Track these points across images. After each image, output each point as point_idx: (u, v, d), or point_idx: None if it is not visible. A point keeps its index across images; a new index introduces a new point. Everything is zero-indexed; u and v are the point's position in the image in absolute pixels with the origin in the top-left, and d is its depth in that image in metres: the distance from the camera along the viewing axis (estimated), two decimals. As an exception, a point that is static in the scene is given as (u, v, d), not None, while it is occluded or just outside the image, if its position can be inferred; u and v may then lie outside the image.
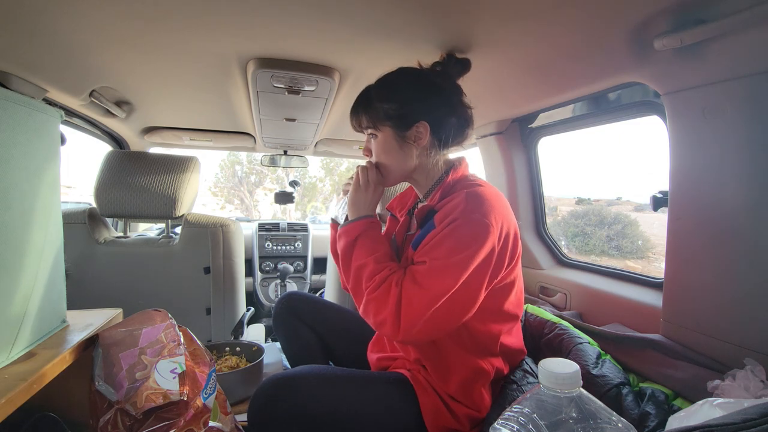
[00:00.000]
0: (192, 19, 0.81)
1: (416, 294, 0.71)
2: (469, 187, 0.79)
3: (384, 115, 0.83)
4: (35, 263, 0.61)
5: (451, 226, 0.72)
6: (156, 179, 1.30)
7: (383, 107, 0.83)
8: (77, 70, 1.06)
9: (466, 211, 0.73)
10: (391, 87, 0.85)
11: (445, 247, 0.72)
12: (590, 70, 0.95)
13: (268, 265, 2.45)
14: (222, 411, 0.72)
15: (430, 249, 0.73)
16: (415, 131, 0.83)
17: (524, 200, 1.53)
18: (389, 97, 0.83)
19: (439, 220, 0.76)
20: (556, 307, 1.31)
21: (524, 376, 0.87)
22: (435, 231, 0.75)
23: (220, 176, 10.24)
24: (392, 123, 0.83)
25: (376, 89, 0.86)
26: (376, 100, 0.84)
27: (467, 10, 0.75)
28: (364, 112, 0.86)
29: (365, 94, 0.87)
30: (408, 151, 0.85)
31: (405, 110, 0.82)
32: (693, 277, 0.84)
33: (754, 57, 0.68)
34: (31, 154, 0.60)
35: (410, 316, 0.70)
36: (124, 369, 0.62)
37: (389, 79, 0.86)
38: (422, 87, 0.84)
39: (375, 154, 0.88)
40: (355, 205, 0.85)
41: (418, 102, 0.83)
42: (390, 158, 0.86)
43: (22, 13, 0.76)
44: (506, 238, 0.75)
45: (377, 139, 0.86)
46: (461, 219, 0.72)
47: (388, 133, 0.84)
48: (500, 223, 0.74)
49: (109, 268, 1.31)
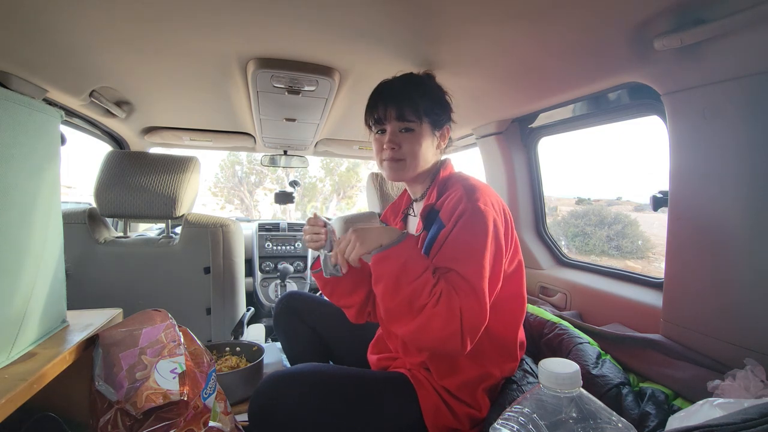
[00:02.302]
0: (192, 20, 0.81)
1: (468, 296, 0.70)
2: (460, 180, 0.85)
3: (424, 110, 0.86)
4: (35, 263, 0.61)
5: (462, 219, 0.76)
6: (156, 179, 1.30)
7: (424, 103, 0.86)
8: (77, 70, 1.06)
9: (469, 201, 0.77)
10: (425, 86, 0.89)
11: (465, 240, 0.75)
12: (590, 70, 0.95)
13: (268, 265, 2.45)
14: (222, 411, 0.72)
15: (453, 248, 0.75)
16: (444, 132, 0.91)
17: (524, 200, 1.53)
18: (429, 95, 0.88)
19: (446, 217, 0.79)
20: (556, 307, 1.30)
21: (524, 376, 0.87)
22: (447, 229, 0.77)
23: (220, 176, 10.24)
24: (431, 119, 0.87)
25: (413, 88, 0.87)
26: (417, 96, 0.86)
27: (467, 11, 0.75)
28: (408, 104, 0.86)
29: (404, 87, 0.88)
30: (434, 149, 0.90)
31: (439, 110, 0.89)
32: (693, 277, 0.84)
33: (754, 57, 0.68)
34: (31, 154, 0.60)
35: (472, 322, 0.70)
36: (124, 369, 0.62)
37: (417, 79, 0.90)
38: (442, 93, 0.92)
39: (407, 146, 0.87)
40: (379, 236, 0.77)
41: (446, 106, 0.91)
42: (422, 153, 0.88)
43: (22, 12, 0.76)
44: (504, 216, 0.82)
45: (414, 132, 0.87)
46: (466, 210, 0.76)
47: (427, 128, 0.87)
48: (495, 204, 0.81)
49: (109, 268, 1.31)
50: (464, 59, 0.98)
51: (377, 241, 0.77)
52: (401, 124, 0.87)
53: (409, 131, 0.87)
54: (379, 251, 0.76)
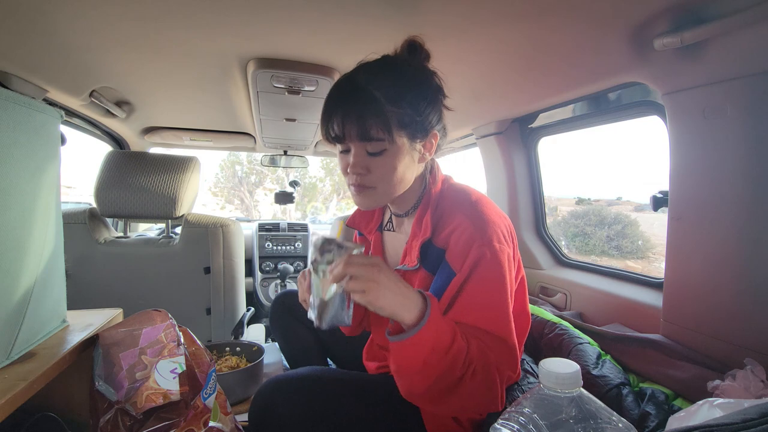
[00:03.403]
0: (192, 19, 0.81)
1: (502, 353, 0.65)
2: (461, 204, 0.71)
3: (399, 122, 0.66)
4: (35, 263, 0.61)
5: (480, 267, 0.65)
6: (156, 179, 1.30)
7: (398, 112, 0.65)
8: (77, 70, 1.06)
9: (483, 243, 0.65)
10: (399, 86, 0.67)
11: (486, 292, 0.65)
12: (590, 69, 0.95)
13: (268, 265, 2.45)
14: (222, 411, 0.72)
15: (473, 303, 0.65)
16: (429, 143, 0.71)
17: (524, 200, 1.53)
18: (403, 100, 0.66)
19: (457, 262, 0.66)
20: (556, 307, 1.30)
21: (524, 376, 0.87)
22: (460, 278, 0.66)
23: (220, 176, 10.24)
24: (408, 132, 0.67)
25: (382, 89, 0.65)
26: (388, 103, 0.65)
27: (467, 11, 0.75)
28: (375, 119, 0.65)
29: (364, 93, 0.65)
30: (415, 166, 0.72)
31: (420, 116, 0.68)
32: (693, 277, 0.84)
33: (754, 57, 0.68)
34: (31, 154, 0.60)
35: (508, 378, 0.66)
36: (124, 369, 0.62)
37: (390, 76, 0.68)
38: (428, 86, 0.70)
39: (380, 171, 0.69)
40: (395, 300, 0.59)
41: (430, 105, 0.69)
42: (397, 177, 0.70)
43: (22, 13, 0.76)
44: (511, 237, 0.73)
45: (387, 153, 0.67)
46: (484, 254, 0.65)
47: (404, 145, 0.68)
48: (507, 235, 0.70)
49: (110, 268, 1.31)
50: (464, 59, 0.98)
51: (392, 310, 0.58)
52: (366, 144, 0.67)
53: (379, 153, 0.68)
54: (399, 337, 0.59)
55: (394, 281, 0.60)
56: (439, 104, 0.73)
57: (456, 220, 0.68)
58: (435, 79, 0.72)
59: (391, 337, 0.62)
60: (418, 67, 0.72)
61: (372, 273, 0.58)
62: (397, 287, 0.60)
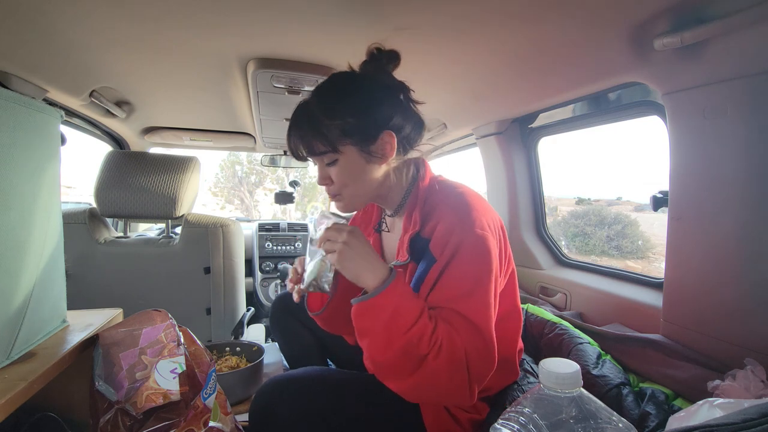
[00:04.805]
0: (192, 19, 0.81)
1: (473, 338, 0.63)
2: (447, 196, 0.73)
3: (341, 132, 0.70)
4: (35, 263, 0.61)
5: (459, 253, 0.66)
6: (156, 179, 1.30)
7: (338, 123, 0.69)
8: (77, 70, 1.06)
9: (463, 230, 0.67)
10: (338, 98, 0.72)
11: (464, 275, 0.66)
12: (590, 70, 0.95)
13: (268, 265, 2.45)
14: (222, 411, 0.72)
15: (450, 285, 0.66)
16: (381, 143, 0.72)
17: (524, 200, 1.53)
18: (342, 111, 0.70)
19: (438, 251, 0.67)
20: (556, 307, 1.30)
21: (524, 376, 0.87)
22: (439, 264, 0.67)
23: (220, 176, 10.25)
24: (354, 140, 0.71)
25: (321, 104, 0.71)
26: (327, 118, 0.70)
27: (467, 10, 0.75)
28: (316, 136, 0.70)
29: (307, 113, 0.72)
30: (377, 168, 0.74)
31: (365, 122, 0.71)
32: (693, 277, 0.84)
33: (754, 57, 0.68)
34: (31, 154, 0.60)
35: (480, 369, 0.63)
36: (124, 369, 0.62)
37: (331, 90, 0.73)
38: (373, 91, 0.73)
39: (339, 180, 0.74)
40: (360, 266, 0.65)
41: (376, 109, 0.72)
42: (359, 181, 0.74)
43: (22, 13, 0.76)
44: (499, 241, 0.73)
45: (339, 163, 0.72)
46: (463, 240, 0.66)
47: (352, 152, 0.71)
48: (494, 229, 0.71)
49: (109, 268, 1.31)
50: (464, 59, 0.98)
51: (356, 271, 0.64)
52: (318, 159, 0.74)
53: (334, 163, 0.73)
54: (360, 299, 0.63)
55: (364, 248, 0.66)
56: (392, 104, 0.74)
57: (441, 212, 0.70)
58: (386, 80, 0.75)
59: (353, 300, 0.65)
60: (367, 74, 0.75)
61: (344, 237, 0.65)
62: (365, 253, 0.65)
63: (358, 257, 0.64)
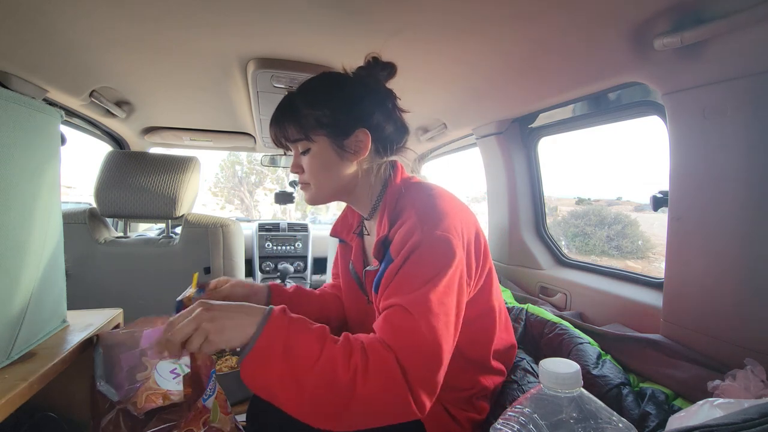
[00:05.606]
0: (192, 19, 0.81)
1: (413, 336, 0.57)
2: (414, 199, 0.71)
3: (316, 122, 0.72)
4: (35, 263, 0.61)
5: (414, 254, 0.63)
6: (156, 179, 1.30)
7: (315, 114, 0.72)
8: (77, 70, 1.06)
9: (423, 231, 0.63)
10: (320, 91, 0.74)
11: (414, 273, 0.62)
12: (590, 70, 0.95)
13: (268, 265, 2.45)
14: (222, 411, 0.72)
15: (399, 286, 0.62)
16: (355, 140, 0.73)
17: (524, 200, 1.53)
18: (320, 103, 0.72)
19: (395, 251, 0.66)
20: (556, 307, 1.30)
21: (524, 376, 0.87)
22: (395, 264, 0.64)
23: (220, 176, 10.24)
24: (328, 131, 0.72)
25: (302, 95, 0.75)
26: (305, 107, 0.72)
27: (467, 10, 0.75)
28: (292, 122, 0.73)
29: (288, 101, 0.75)
30: (348, 163, 0.75)
31: (341, 116, 0.72)
32: (693, 277, 0.84)
33: (754, 57, 0.68)
34: (31, 154, 0.60)
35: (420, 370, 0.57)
36: (124, 370, 0.62)
37: (315, 84, 0.76)
38: (355, 91, 0.75)
39: (309, 169, 0.75)
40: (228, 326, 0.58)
41: (355, 106, 0.73)
42: (328, 173, 0.75)
43: (22, 13, 0.76)
44: (469, 245, 0.69)
45: (311, 152, 0.74)
46: (422, 242, 0.63)
47: (325, 143, 0.73)
48: (460, 232, 0.66)
49: (110, 268, 1.31)
50: (464, 59, 0.98)
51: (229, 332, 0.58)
52: (293, 145, 0.77)
53: (306, 152, 0.75)
54: (243, 355, 0.58)
55: (222, 308, 0.59)
56: (372, 105, 0.75)
57: (406, 214, 0.69)
58: (372, 84, 0.77)
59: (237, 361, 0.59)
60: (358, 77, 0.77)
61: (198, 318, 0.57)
62: (227, 310, 0.59)
63: (229, 319, 0.58)
